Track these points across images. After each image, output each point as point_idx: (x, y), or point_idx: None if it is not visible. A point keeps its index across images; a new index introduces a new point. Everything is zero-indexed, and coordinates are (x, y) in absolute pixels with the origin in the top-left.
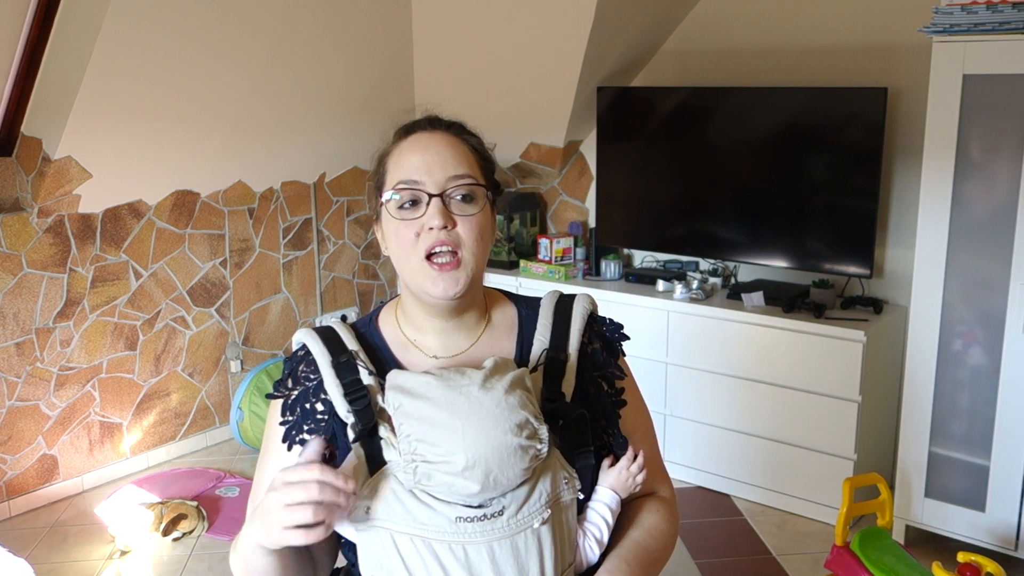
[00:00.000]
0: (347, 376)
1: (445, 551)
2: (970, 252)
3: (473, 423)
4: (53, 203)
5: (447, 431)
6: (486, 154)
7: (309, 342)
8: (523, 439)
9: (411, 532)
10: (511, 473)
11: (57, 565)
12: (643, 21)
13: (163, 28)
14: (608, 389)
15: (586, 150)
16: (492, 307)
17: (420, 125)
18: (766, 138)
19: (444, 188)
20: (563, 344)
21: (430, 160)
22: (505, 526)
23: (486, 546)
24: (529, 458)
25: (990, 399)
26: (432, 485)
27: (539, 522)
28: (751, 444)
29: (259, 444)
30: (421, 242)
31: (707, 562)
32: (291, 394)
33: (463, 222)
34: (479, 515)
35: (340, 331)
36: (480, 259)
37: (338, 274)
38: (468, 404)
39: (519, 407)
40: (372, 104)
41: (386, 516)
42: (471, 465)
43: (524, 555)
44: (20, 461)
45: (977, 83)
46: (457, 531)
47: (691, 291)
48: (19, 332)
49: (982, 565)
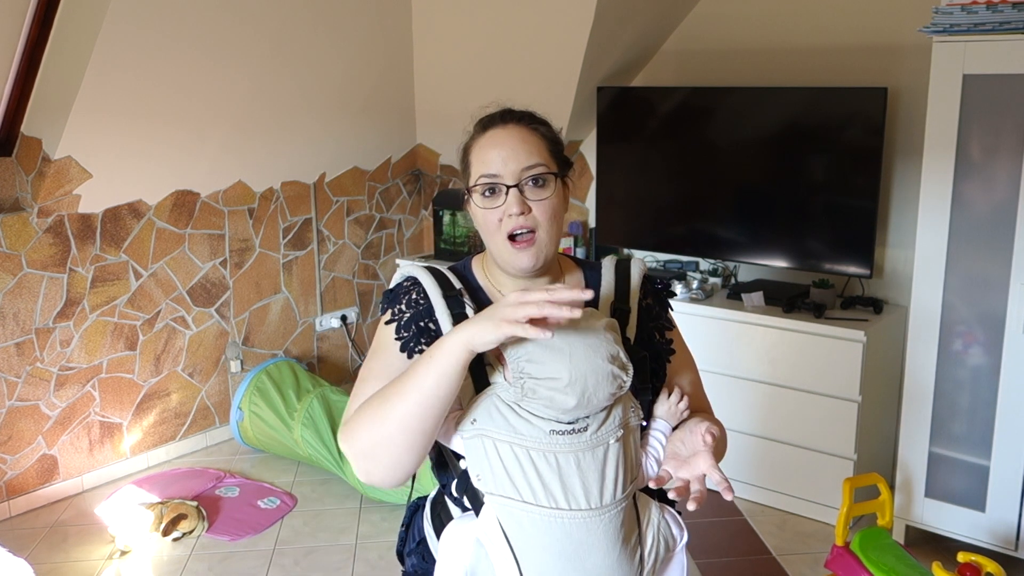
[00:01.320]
0: (455, 308)
1: (540, 458)
2: (970, 252)
3: (578, 347)
4: (53, 203)
5: (555, 352)
6: (555, 137)
7: (420, 275)
8: (615, 367)
9: (511, 440)
10: (602, 394)
11: (57, 565)
12: (643, 21)
13: (163, 28)
14: (660, 338)
15: (586, 150)
16: (565, 271)
17: (495, 120)
18: (766, 138)
19: (519, 179)
20: (626, 298)
21: (506, 154)
22: (589, 440)
23: (573, 455)
24: (617, 385)
25: (990, 399)
26: (535, 399)
27: (614, 439)
28: (751, 444)
29: (259, 444)
30: (504, 226)
31: (707, 562)
32: (405, 315)
33: (537, 206)
34: (568, 429)
35: (445, 272)
36: (554, 235)
37: (338, 274)
38: (575, 331)
39: (613, 342)
40: (372, 104)
41: (489, 427)
42: (573, 382)
43: (602, 463)
44: (20, 461)
45: (977, 83)
46: (550, 442)
47: (691, 291)
48: (19, 332)
49: (982, 565)
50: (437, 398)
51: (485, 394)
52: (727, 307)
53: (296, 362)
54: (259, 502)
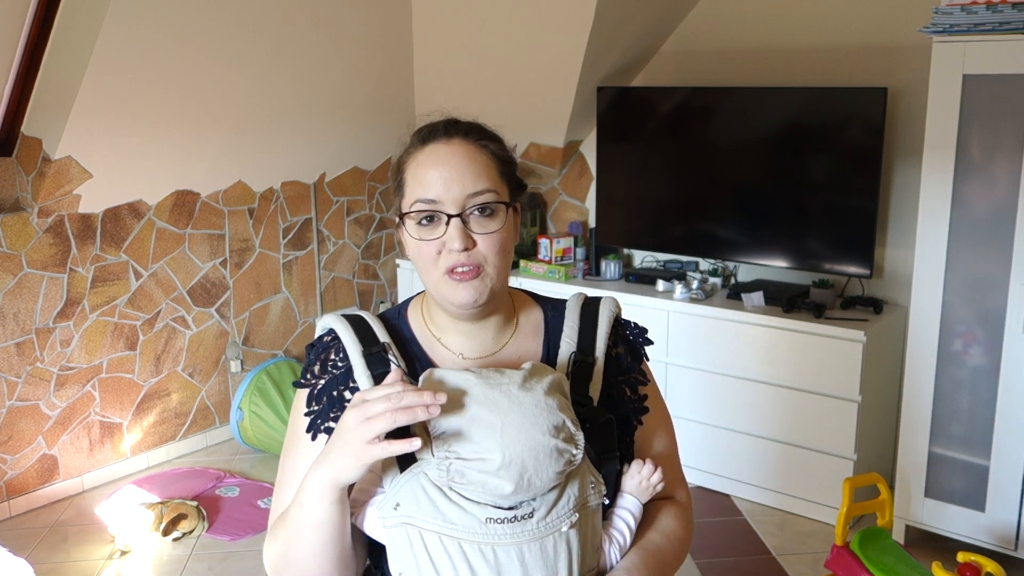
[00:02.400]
0: (377, 368)
1: (474, 552)
2: (970, 252)
3: (512, 421)
4: (53, 203)
5: (485, 428)
6: (506, 156)
7: (339, 329)
8: (560, 441)
9: (440, 531)
10: (545, 475)
11: (57, 565)
12: (643, 21)
13: (163, 28)
14: (631, 394)
15: (586, 150)
16: (519, 309)
17: (436, 133)
18: (766, 138)
19: (463, 207)
20: (590, 348)
21: (448, 176)
22: (535, 529)
23: (515, 548)
24: (564, 462)
25: (990, 399)
26: (465, 483)
27: (567, 526)
28: (751, 444)
29: (259, 444)
30: (442, 260)
31: (707, 562)
32: (318, 382)
33: (483, 240)
34: (509, 516)
35: (370, 321)
36: (502, 270)
37: (338, 274)
38: (508, 402)
39: (558, 409)
40: (372, 104)
41: (415, 513)
42: (507, 464)
43: (552, 558)
44: (20, 461)
45: (977, 83)
46: (487, 532)
47: (691, 291)
48: (19, 332)
49: (982, 565)
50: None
51: (410, 472)
52: (727, 307)
53: (296, 362)
54: (259, 502)
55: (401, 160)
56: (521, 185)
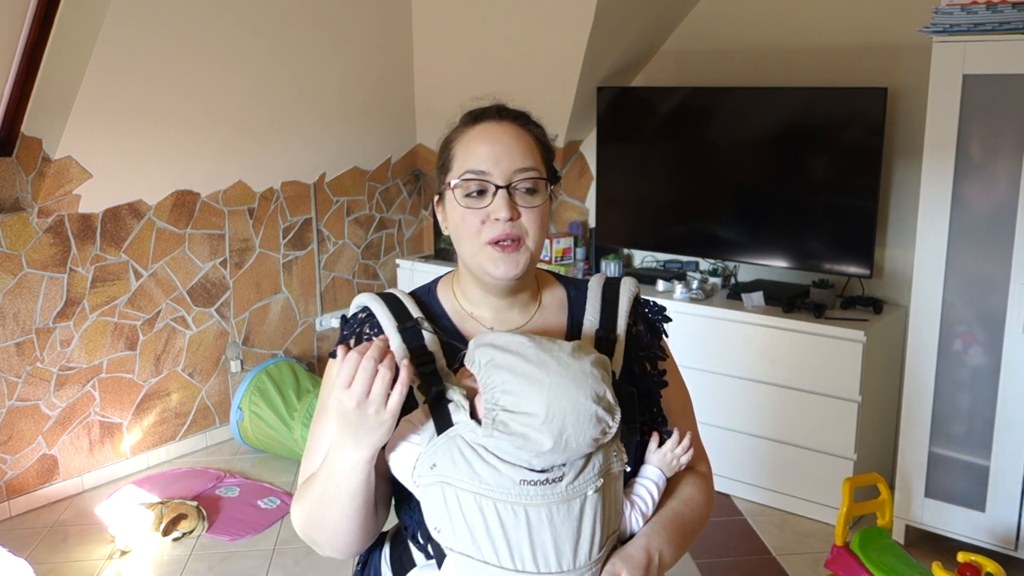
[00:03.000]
0: (412, 341)
1: (507, 511)
2: (970, 252)
3: (559, 382)
4: (53, 203)
5: (533, 383)
6: (548, 144)
7: (373, 306)
8: (600, 409)
9: (475, 491)
10: (582, 438)
11: (57, 565)
12: (643, 21)
13: (163, 28)
14: (651, 370)
15: (586, 150)
16: (544, 287)
17: (489, 114)
18: (766, 138)
19: (511, 180)
20: (612, 325)
21: (499, 151)
22: (564, 491)
23: (545, 508)
24: (600, 430)
25: (990, 399)
26: (505, 436)
27: (593, 490)
28: (751, 444)
29: (259, 444)
30: (487, 230)
31: (707, 562)
32: None
33: (527, 213)
34: (541, 479)
35: (402, 298)
36: (539, 245)
37: (338, 274)
38: (557, 365)
39: (601, 380)
40: (372, 104)
41: (451, 473)
42: (549, 420)
43: (578, 518)
44: (20, 461)
45: (977, 83)
46: (520, 493)
47: (691, 291)
48: (19, 332)
49: (982, 565)
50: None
51: (447, 435)
52: (727, 307)
53: (296, 362)
54: (259, 502)
55: (450, 138)
56: (556, 174)
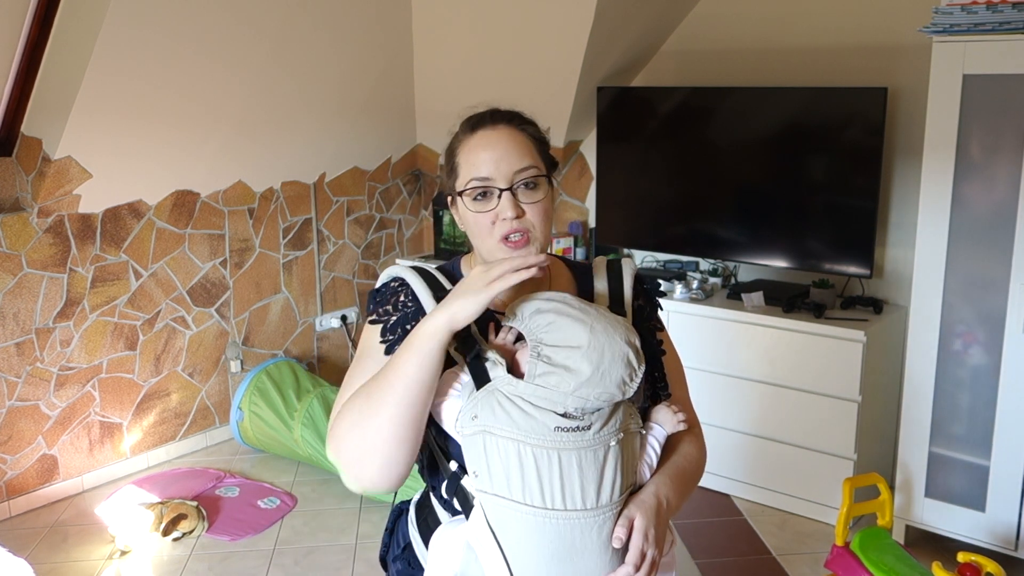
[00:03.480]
0: None
1: (542, 456)
2: (970, 252)
3: (600, 321)
4: (53, 203)
5: (577, 321)
6: (542, 137)
7: (408, 276)
8: (631, 352)
9: (513, 437)
10: (615, 374)
11: (57, 565)
12: (643, 21)
13: (163, 28)
14: (652, 340)
15: (586, 150)
16: (552, 269)
17: (484, 120)
18: (766, 138)
19: (512, 182)
20: (620, 300)
21: (497, 156)
22: (592, 439)
23: (576, 453)
24: (628, 373)
25: (990, 399)
26: (548, 368)
27: (615, 441)
28: (751, 444)
29: (259, 444)
30: (497, 229)
31: (707, 562)
32: (391, 318)
33: (530, 209)
34: (573, 426)
35: (433, 272)
36: (546, 234)
37: (338, 274)
38: (597, 312)
39: (633, 334)
40: (372, 104)
41: (491, 423)
42: (592, 348)
43: (602, 464)
44: (20, 461)
45: (977, 83)
46: (554, 439)
47: (691, 291)
48: (19, 332)
49: (982, 565)
50: (421, 384)
51: (486, 389)
52: (727, 307)
53: (296, 362)
54: (259, 502)
55: (452, 146)
56: (555, 163)
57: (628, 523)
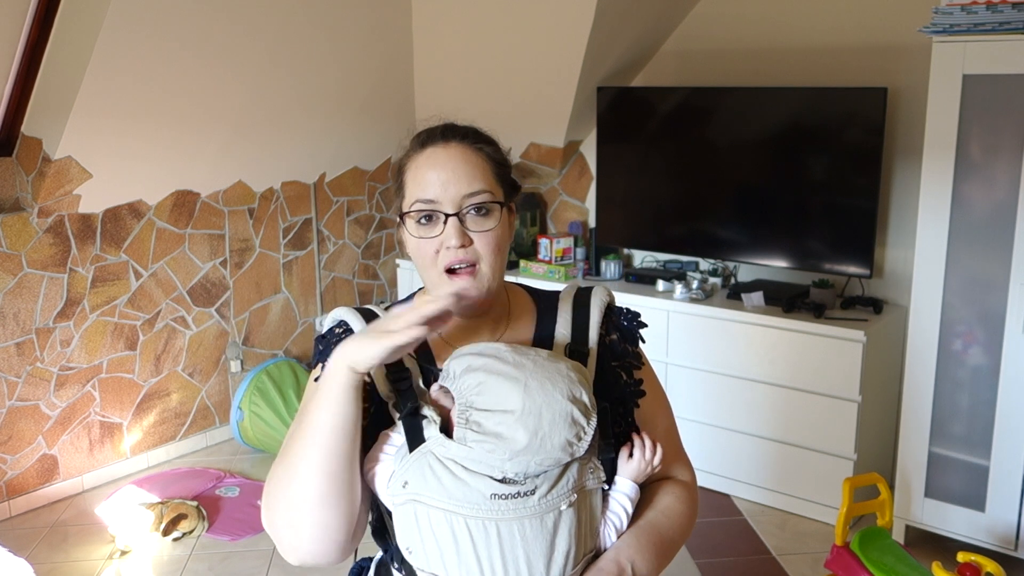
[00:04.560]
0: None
1: (478, 528)
2: (970, 252)
3: (536, 379)
4: (53, 203)
5: (509, 380)
6: (501, 159)
7: (352, 321)
8: (576, 410)
9: (446, 508)
10: (557, 439)
11: (57, 565)
12: (643, 21)
13: (163, 28)
14: (627, 379)
15: (586, 150)
16: (513, 303)
17: (435, 136)
18: (766, 138)
19: (460, 207)
20: (583, 337)
21: (445, 178)
22: (536, 505)
23: (517, 523)
24: (574, 433)
25: (990, 399)
26: (479, 437)
27: (566, 504)
28: (751, 444)
29: (259, 444)
30: (440, 258)
31: (707, 562)
32: None
33: (479, 238)
34: (513, 492)
35: (380, 314)
36: (497, 268)
37: (338, 274)
38: (534, 364)
39: (578, 384)
40: (372, 104)
41: (423, 490)
42: (525, 414)
43: (552, 533)
44: (20, 461)
45: (977, 83)
46: (491, 508)
47: (691, 291)
48: (19, 332)
49: (982, 565)
50: (334, 430)
51: (419, 451)
52: (727, 307)
53: (296, 362)
54: (259, 502)
55: (401, 163)
56: (515, 186)
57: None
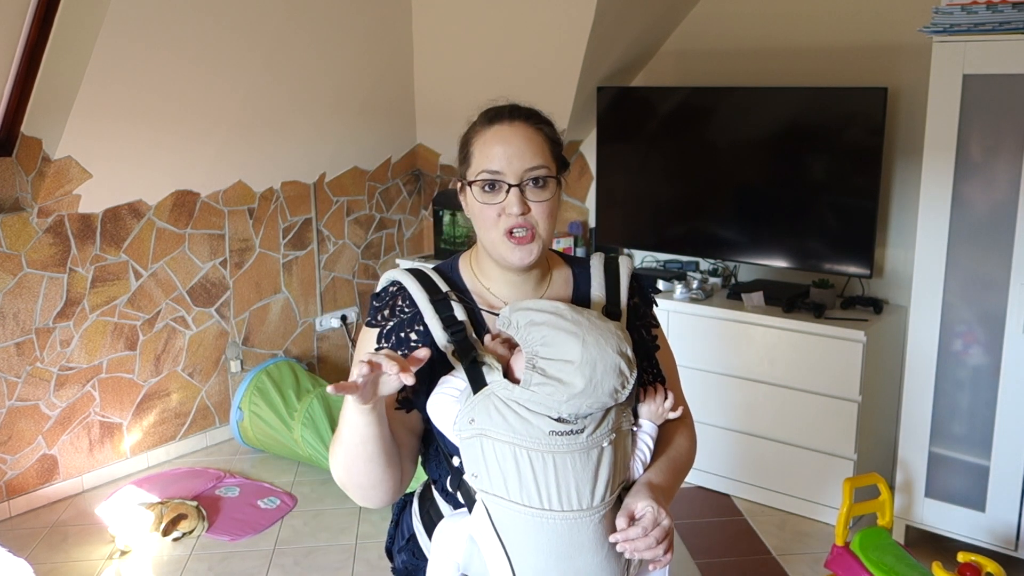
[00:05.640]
0: (444, 311)
1: (537, 459)
2: (970, 252)
3: (593, 335)
4: (53, 203)
5: (570, 335)
6: (557, 138)
7: (405, 280)
8: (623, 362)
9: (510, 440)
10: (607, 385)
11: (57, 565)
12: (643, 21)
13: (163, 28)
14: (647, 335)
15: (586, 150)
16: (552, 266)
17: (502, 114)
18: (766, 138)
19: (522, 179)
20: (616, 299)
21: (511, 152)
22: (584, 441)
23: (569, 456)
24: (620, 382)
25: (990, 399)
26: (543, 380)
27: (607, 442)
28: (751, 444)
29: (259, 444)
30: (502, 222)
31: (707, 562)
32: (387, 324)
33: (536, 207)
34: (567, 430)
35: (431, 274)
36: (550, 233)
37: (338, 274)
38: (590, 323)
39: (625, 340)
40: (372, 104)
41: (488, 426)
42: (583, 364)
43: (596, 465)
44: (20, 461)
45: (977, 83)
46: (549, 442)
47: (691, 291)
48: (19, 332)
49: (982, 565)
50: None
51: (483, 393)
52: (727, 307)
53: (296, 362)
54: (259, 502)
55: (468, 135)
56: (566, 163)
57: (628, 513)
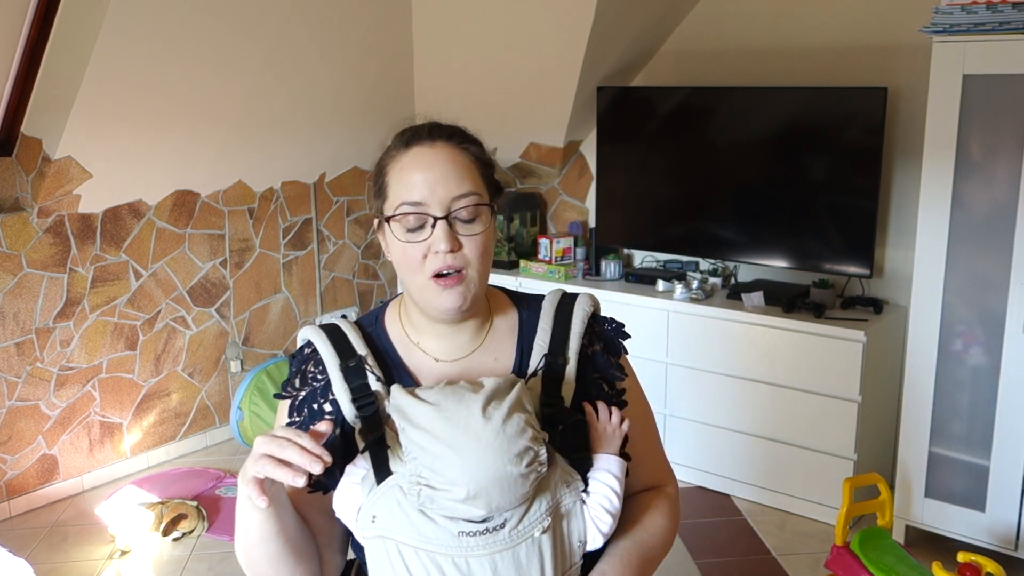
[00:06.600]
0: (355, 380)
1: (448, 564)
2: (970, 252)
3: (473, 457)
4: (53, 203)
5: (449, 464)
6: (486, 159)
7: (317, 341)
8: (523, 468)
9: (415, 545)
10: (513, 498)
11: (57, 565)
12: (643, 21)
13: (163, 28)
14: (609, 390)
15: (586, 150)
16: (495, 311)
17: (420, 136)
18: (766, 138)
19: (449, 209)
20: (562, 348)
21: (433, 179)
22: (507, 538)
23: (488, 559)
24: (530, 482)
25: (990, 399)
26: (436, 508)
27: (539, 531)
28: (751, 444)
29: None
30: (428, 264)
31: (707, 562)
32: (299, 395)
33: (468, 242)
34: (481, 529)
35: (348, 332)
36: (484, 273)
37: (338, 274)
38: (467, 438)
39: (517, 436)
40: (372, 104)
41: (391, 526)
42: (473, 495)
43: (525, 565)
44: (20, 461)
45: (977, 83)
46: (460, 545)
47: (691, 291)
48: (19, 332)
49: (982, 565)
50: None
51: (386, 484)
52: (727, 307)
53: None
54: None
55: (382, 163)
56: (499, 188)
57: None
